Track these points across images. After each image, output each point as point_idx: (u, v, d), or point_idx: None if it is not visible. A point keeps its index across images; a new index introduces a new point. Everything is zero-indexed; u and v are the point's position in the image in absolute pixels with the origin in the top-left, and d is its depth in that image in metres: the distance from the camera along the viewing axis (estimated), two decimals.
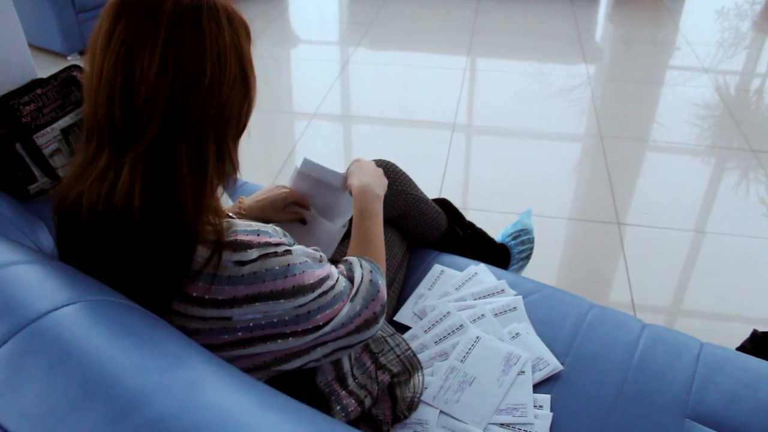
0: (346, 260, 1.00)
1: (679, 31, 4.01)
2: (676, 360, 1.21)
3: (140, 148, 0.75)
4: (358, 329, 0.90)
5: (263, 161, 2.53)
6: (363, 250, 1.06)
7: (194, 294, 0.78)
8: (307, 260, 0.86)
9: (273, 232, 0.84)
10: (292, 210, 1.26)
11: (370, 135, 2.85)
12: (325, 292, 0.86)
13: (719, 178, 2.52)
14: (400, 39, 3.82)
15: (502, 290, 1.39)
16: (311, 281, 0.84)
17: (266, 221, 1.19)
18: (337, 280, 0.90)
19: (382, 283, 0.98)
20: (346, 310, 0.88)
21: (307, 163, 1.27)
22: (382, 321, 0.94)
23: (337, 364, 1.01)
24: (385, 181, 1.20)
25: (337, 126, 2.94)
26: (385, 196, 1.41)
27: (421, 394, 1.15)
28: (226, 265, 0.78)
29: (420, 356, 1.24)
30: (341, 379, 1.01)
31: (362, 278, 0.95)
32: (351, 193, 1.15)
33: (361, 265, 0.98)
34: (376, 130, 2.90)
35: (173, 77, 0.74)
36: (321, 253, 0.92)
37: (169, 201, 0.76)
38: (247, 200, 1.26)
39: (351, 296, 0.91)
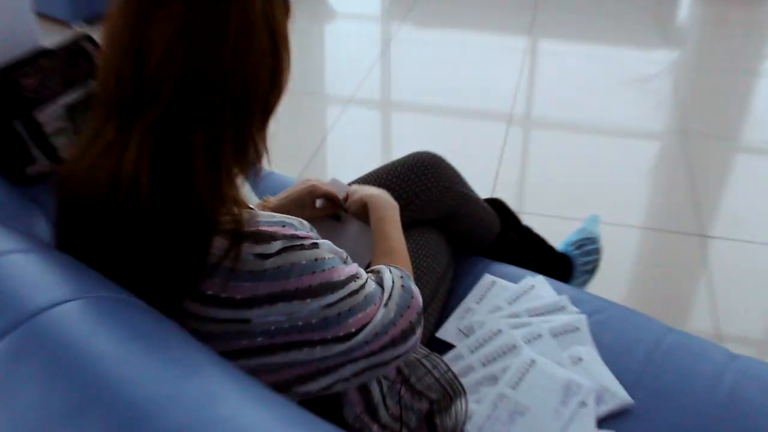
0: (373, 269, 1.01)
1: None
2: None
3: (149, 120, 0.76)
4: (393, 342, 0.89)
5: (290, 150, 2.55)
6: (387, 258, 1.07)
7: (209, 292, 0.79)
8: (334, 257, 0.86)
9: (299, 225, 0.85)
10: (322, 207, 1.27)
11: (413, 125, 2.86)
12: (355, 291, 0.86)
13: None
14: (450, 15, 3.81)
15: (563, 307, 1.38)
16: (340, 278, 0.85)
17: None
18: (366, 281, 0.90)
19: (416, 289, 0.98)
20: (380, 315, 0.89)
21: (334, 181, 1.32)
22: (419, 333, 0.94)
23: (367, 395, 1.01)
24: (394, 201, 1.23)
25: (375, 114, 2.95)
26: (432, 196, 1.42)
27: (464, 423, 1.14)
28: (246, 259, 0.78)
29: (464, 380, 1.24)
30: (372, 411, 1.01)
31: (393, 282, 0.95)
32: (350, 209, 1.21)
33: (390, 271, 0.99)
34: (421, 119, 2.90)
35: (189, 43, 0.74)
36: (346, 254, 0.93)
37: (181, 186, 0.77)
38: (273, 199, 1.28)
39: (384, 300, 0.91)
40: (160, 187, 0.77)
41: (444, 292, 1.42)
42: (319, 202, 1.27)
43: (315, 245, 0.84)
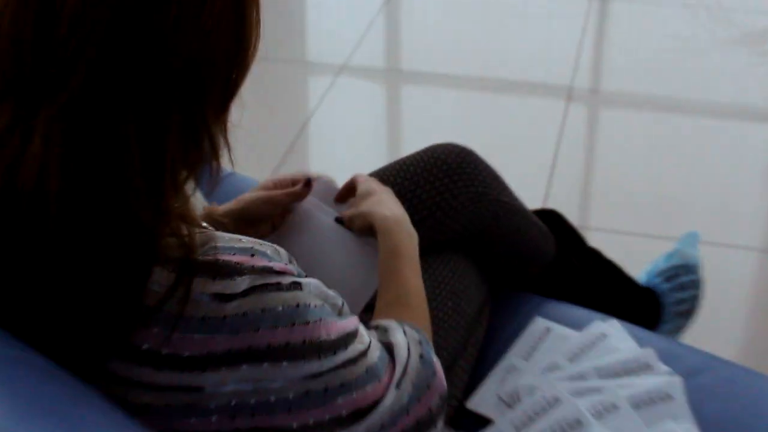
0: (378, 324, 1.01)
1: None
2: None
3: (60, 102, 0.76)
4: None
5: (259, 142, 2.55)
6: (399, 309, 1.08)
7: (145, 347, 0.79)
8: (324, 305, 0.87)
9: (274, 254, 0.85)
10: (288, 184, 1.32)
11: (430, 102, 2.85)
12: (352, 360, 0.87)
13: None
14: None
15: (648, 366, 1.37)
16: (332, 337, 0.85)
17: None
18: (369, 346, 0.91)
19: (438, 362, 0.99)
20: (390, 399, 0.90)
21: (321, 179, 1.36)
22: (441, 425, 0.96)
23: None
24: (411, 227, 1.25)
25: (378, 87, 2.95)
26: (459, 206, 1.42)
27: None
28: (199, 301, 0.79)
29: None
30: None
31: (409, 351, 0.96)
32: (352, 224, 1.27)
33: (404, 332, 0.99)
34: (441, 95, 2.90)
35: None
36: (342, 299, 0.93)
37: (106, 194, 0.78)
38: (222, 207, 1.29)
39: (396, 379, 0.92)
40: (76, 195, 0.77)
41: (477, 344, 1.42)
42: (303, 205, 1.31)
43: (296, 285, 0.84)
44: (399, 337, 0.98)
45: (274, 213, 1.31)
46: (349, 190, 1.33)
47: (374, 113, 2.84)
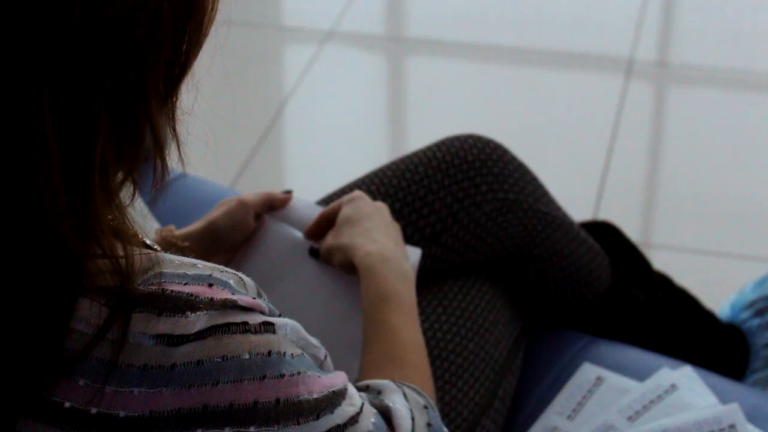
0: (369, 385, 1.02)
1: None
2: None
3: None
4: None
5: (222, 130, 2.54)
6: (390, 369, 1.09)
7: (67, 404, 0.79)
8: (303, 354, 0.87)
9: (238, 285, 0.85)
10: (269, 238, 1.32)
11: (443, 80, 2.87)
12: (340, 428, 0.87)
13: None
14: None
15: (732, 426, 1.37)
16: (314, 396, 0.85)
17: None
18: (361, 410, 0.90)
19: None
20: None
21: (296, 200, 1.38)
22: None
23: None
24: (407, 255, 1.26)
25: (375, 59, 2.97)
26: (483, 217, 1.43)
27: None
28: (139, 344, 0.79)
29: None
30: None
31: (413, 420, 0.97)
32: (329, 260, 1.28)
33: (404, 395, 1.00)
34: (458, 70, 2.91)
35: None
36: (325, 350, 0.93)
37: (14, 200, 0.78)
38: (181, 232, 1.31)
39: None
40: None
41: (507, 398, 1.42)
42: (271, 222, 1.32)
43: (268, 327, 0.84)
44: (398, 402, 0.98)
45: (247, 227, 1.32)
46: (327, 220, 1.32)
47: (370, 93, 2.85)
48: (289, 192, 1.33)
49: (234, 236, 1.32)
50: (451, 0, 3.17)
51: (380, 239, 1.24)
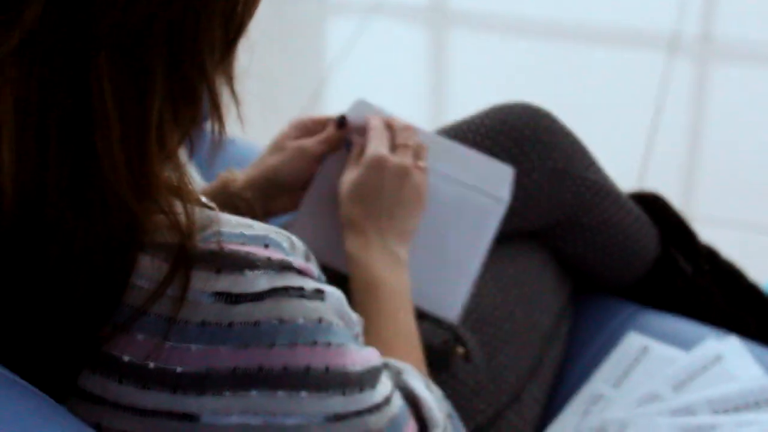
0: (388, 363, 1.02)
1: None
2: None
3: (9, 47, 0.76)
4: None
5: (268, 97, 2.55)
6: (399, 352, 1.10)
7: (125, 358, 0.79)
8: (343, 324, 0.87)
9: (290, 248, 0.85)
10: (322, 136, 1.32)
11: (487, 52, 2.87)
12: (377, 407, 0.88)
13: None
14: None
15: None
16: (356, 368, 0.86)
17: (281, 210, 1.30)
18: (392, 392, 0.92)
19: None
20: None
21: (361, 106, 1.35)
22: None
23: None
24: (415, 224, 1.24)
25: (418, 32, 2.97)
26: (532, 185, 1.43)
27: None
28: (197, 301, 0.79)
29: None
30: None
31: (436, 414, 0.98)
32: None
33: (427, 386, 1.01)
34: (502, 42, 2.92)
35: None
36: (359, 323, 0.94)
37: (73, 158, 0.78)
38: (244, 171, 1.30)
39: None
40: (34, 162, 0.78)
41: (553, 366, 1.43)
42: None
43: (319, 294, 0.84)
44: (421, 390, 0.99)
45: (310, 172, 1.31)
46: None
47: (414, 64, 2.85)
48: (343, 120, 1.31)
49: (296, 183, 1.31)
50: None
51: (374, 213, 1.23)
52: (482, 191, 1.31)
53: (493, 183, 1.32)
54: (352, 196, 1.25)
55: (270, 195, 1.30)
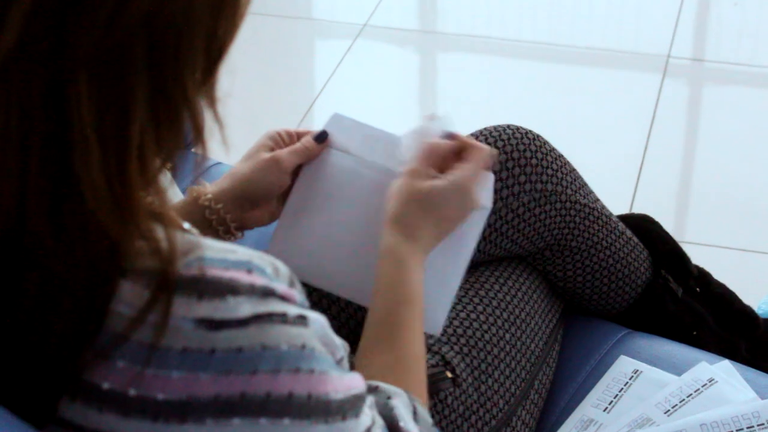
0: (378, 387, 1.03)
1: None
2: None
3: None
4: None
5: (252, 121, 2.55)
6: (401, 374, 1.10)
7: (105, 385, 0.79)
8: (324, 351, 0.87)
9: (273, 273, 0.85)
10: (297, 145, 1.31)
11: (477, 74, 2.87)
12: None
13: None
14: None
15: None
16: (339, 396, 0.86)
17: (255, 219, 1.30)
18: (373, 422, 0.91)
19: None
20: None
21: (337, 120, 1.34)
22: None
23: None
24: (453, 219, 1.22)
25: (407, 55, 2.96)
26: (521, 208, 1.43)
27: None
28: (179, 327, 0.79)
29: None
30: None
31: None
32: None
33: (415, 413, 1.01)
34: (492, 64, 2.91)
35: None
36: (345, 349, 0.93)
37: (52, 184, 0.78)
38: (216, 183, 1.29)
39: None
40: (14, 188, 0.77)
41: (543, 390, 1.43)
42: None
43: (302, 320, 0.84)
44: (406, 420, 0.98)
45: (283, 183, 1.30)
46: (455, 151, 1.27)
47: (403, 87, 2.85)
48: (323, 137, 1.31)
49: (269, 195, 1.31)
50: None
51: (425, 235, 1.21)
52: None
53: None
54: (419, 198, 1.21)
55: (242, 206, 1.29)
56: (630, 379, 1.44)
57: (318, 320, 0.87)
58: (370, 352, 1.13)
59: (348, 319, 1.41)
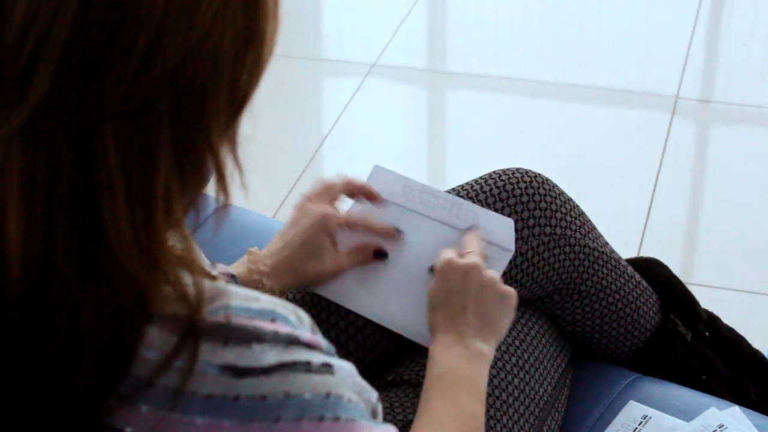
0: None
1: None
2: None
3: (16, 124, 0.77)
4: None
5: (261, 161, 2.55)
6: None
7: (128, 430, 0.79)
8: (358, 399, 0.87)
9: (297, 321, 0.85)
10: (356, 245, 1.37)
11: (486, 114, 2.86)
12: None
13: None
14: None
15: None
16: None
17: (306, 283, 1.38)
18: None
19: None
20: None
21: (378, 173, 1.40)
22: None
23: None
24: (507, 322, 1.28)
25: (417, 92, 2.96)
26: (530, 252, 1.43)
27: None
28: (204, 373, 0.79)
29: None
30: None
31: None
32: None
33: None
34: (500, 104, 2.91)
35: None
36: (377, 396, 0.93)
37: (80, 233, 0.78)
38: (266, 249, 1.33)
39: None
40: (41, 237, 0.78)
41: (553, 430, 1.42)
42: (344, 238, 1.35)
43: (328, 368, 0.84)
44: None
45: (325, 260, 1.36)
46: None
47: (412, 127, 2.85)
48: (381, 254, 1.39)
49: (312, 269, 1.36)
50: (493, 34, 3.17)
51: (455, 316, 1.25)
52: (491, 242, 1.35)
53: (499, 235, 1.36)
54: (431, 305, 1.27)
55: (287, 284, 1.35)
56: (639, 424, 1.43)
57: (345, 367, 0.87)
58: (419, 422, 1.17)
59: (365, 355, 1.44)
